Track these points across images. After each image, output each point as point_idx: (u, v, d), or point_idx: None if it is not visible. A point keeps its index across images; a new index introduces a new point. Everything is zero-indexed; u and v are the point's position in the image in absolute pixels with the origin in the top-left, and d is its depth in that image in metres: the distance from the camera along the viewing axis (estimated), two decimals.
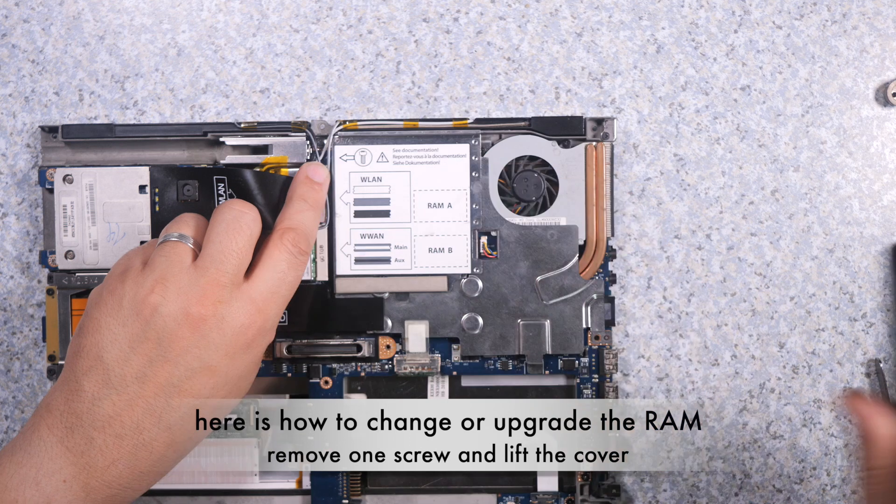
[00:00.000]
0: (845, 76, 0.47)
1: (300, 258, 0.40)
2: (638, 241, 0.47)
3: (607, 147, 0.46)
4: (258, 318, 0.38)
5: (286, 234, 0.40)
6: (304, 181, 0.42)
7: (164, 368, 0.37)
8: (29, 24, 0.48)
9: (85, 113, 0.48)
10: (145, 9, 0.48)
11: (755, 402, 0.47)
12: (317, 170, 0.43)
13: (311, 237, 0.41)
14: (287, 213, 0.41)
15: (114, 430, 0.37)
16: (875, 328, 0.47)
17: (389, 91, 0.48)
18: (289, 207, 0.42)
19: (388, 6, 0.48)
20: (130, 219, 0.45)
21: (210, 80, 0.48)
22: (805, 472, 0.47)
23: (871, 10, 0.47)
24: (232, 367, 0.38)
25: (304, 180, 0.42)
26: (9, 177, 0.48)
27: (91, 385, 0.37)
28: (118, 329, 0.37)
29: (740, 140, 0.47)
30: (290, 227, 0.40)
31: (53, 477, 0.36)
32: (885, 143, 0.47)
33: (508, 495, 0.47)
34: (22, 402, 0.48)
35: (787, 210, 0.47)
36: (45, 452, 0.37)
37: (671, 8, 0.47)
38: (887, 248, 0.47)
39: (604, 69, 0.47)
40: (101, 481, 0.37)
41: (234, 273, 0.38)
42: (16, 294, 0.48)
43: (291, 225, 0.40)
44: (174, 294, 0.37)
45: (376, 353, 0.46)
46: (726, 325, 0.47)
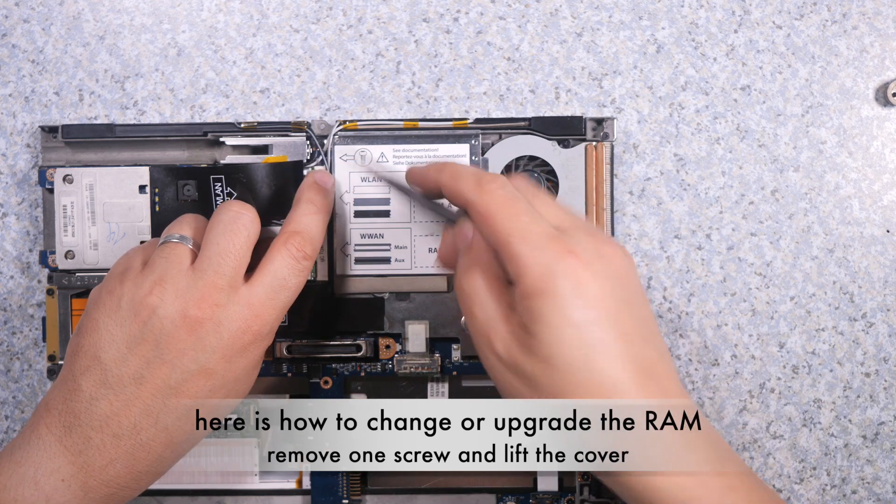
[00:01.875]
0: (845, 76, 0.47)
1: (303, 263, 0.40)
2: (638, 241, 0.47)
3: (607, 147, 0.46)
4: (255, 322, 0.38)
5: (291, 238, 0.40)
6: (312, 185, 0.42)
7: (161, 370, 0.37)
8: (29, 24, 0.48)
9: (85, 113, 0.48)
10: (145, 9, 0.48)
11: (755, 402, 0.47)
12: (324, 176, 0.42)
13: (316, 242, 0.41)
14: (293, 216, 0.41)
15: (111, 429, 0.37)
16: (875, 328, 0.47)
17: (389, 91, 0.48)
18: (295, 210, 0.41)
19: (388, 6, 0.48)
20: (130, 219, 0.45)
21: (210, 80, 0.48)
22: (805, 472, 0.47)
23: (871, 10, 0.47)
24: (229, 370, 0.38)
25: (312, 184, 0.42)
26: (9, 177, 0.48)
27: (89, 385, 0.37)
28: (116, 329, 0.37)
29: (740, 140, 0.47)
30: (295, 231, 0.40)
31: (52, 476, 0.36)
32: (885, 143, 0.47)
33: (508, 495, 0.47)
34: (22, 402, 0.48)
35: (787, 210, 0.47)
36: (44, 451, 0.37)
37: (671, 8, 0.47)
38: (888, 249, 0.47)
39: (604, 69, 0.47)
40: (99, 480, 0.37)
41: (231, 275, 0.38)
42: (16, 294, 0.48)
43: (297, 229, 0.40)
44: (172, 296, 0.37)
45: (376, 353, 0.46)
46: (726, 325, 0.47)
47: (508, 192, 0.36)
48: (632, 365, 0.34)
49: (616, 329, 0.34)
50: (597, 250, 0.35)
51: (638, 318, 0.35)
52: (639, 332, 0.35)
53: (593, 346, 0.34)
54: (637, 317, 0.35)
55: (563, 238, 0.35)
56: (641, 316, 0.36)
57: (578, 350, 0.34)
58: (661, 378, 0.35)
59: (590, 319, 0.34)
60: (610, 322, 0.34)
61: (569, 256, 0.34)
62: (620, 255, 0.36)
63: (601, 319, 0.34)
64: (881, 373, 0.47)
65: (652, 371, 0.35)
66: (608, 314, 0.34)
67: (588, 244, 0.35)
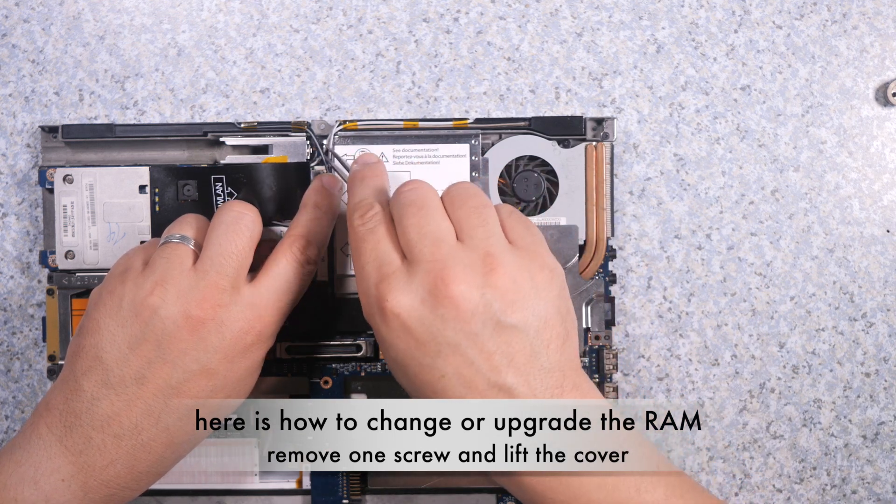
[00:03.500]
0: (845, 76, 0.47)
1: (307, 267, 0.40)
2: (638, 241, 0.47)
3: (607, 147, 0.46)
4: (257, 324, 0.38)
5: (295, 241, 0.40)
6: (320, 189, 0.42)
7: (163, 370, 0.37)
8: (29, 24, 0.48)
9: (85, 113, 0.48)
10: (145, 9, 0.48)
11: (755, 402, 0.47)
12: (332, 180, 0.43)
13: (321, 246, 0.41)
14: (299, 219, 0.41)
15: (112, 430, 0.37)
16: (875, 328, 0.47)
17: (389, 91, 0.48)
18: (301, 214, 0.41)
19: (388, 6, 0.48)
20: (130, 219, 0.45)
21: (210, 80, 0.48)
22: (805, 472, 0.47)
23: (871, 10, 0.47)
24: (230, 371, 0.38)
25: (320, 188, 0.42)
26: (9, 177, 0.48)
27: (90, 385, 0.37)
28: (117, 330, 0.37)
29: (740, 140, 0.47)
30: (300, 235, 0.40)
31: (52, 476, 0.36)
32: (885, 143, 0.47)
33: (508, 495, 0.47)
34: (22, 402, 0.48)
35: (787, 210, 0.47)
36: (44, 451, 0.37)
37: (671, 8, 0.47)
38: (888, 249, 0.47)
39: (604, 69, 0.47)
40: (99, 481, 0.37)
41: (233, 276, 0.38)
42: (16, 294, 0.48)
43: (302, 232, 0.40)
44: (174, 296, 0.37)
45: (376, 353, 0.46)
46: (726, 325, 0.47)
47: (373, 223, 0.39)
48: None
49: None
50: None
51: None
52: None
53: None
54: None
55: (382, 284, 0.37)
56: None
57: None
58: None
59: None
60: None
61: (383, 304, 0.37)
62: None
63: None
64: (881, 373, 0.47)
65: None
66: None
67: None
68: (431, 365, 0.36)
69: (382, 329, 0.36)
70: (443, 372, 0.36)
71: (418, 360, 0.36)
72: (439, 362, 0.36)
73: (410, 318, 0.36)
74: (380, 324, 0.36)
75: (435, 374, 0.36)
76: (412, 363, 0.36)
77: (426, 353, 0.36)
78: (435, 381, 0.36)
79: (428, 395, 0.37)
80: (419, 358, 0.36)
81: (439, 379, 0.36)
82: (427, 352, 0.36)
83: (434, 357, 0.36)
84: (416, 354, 0.36)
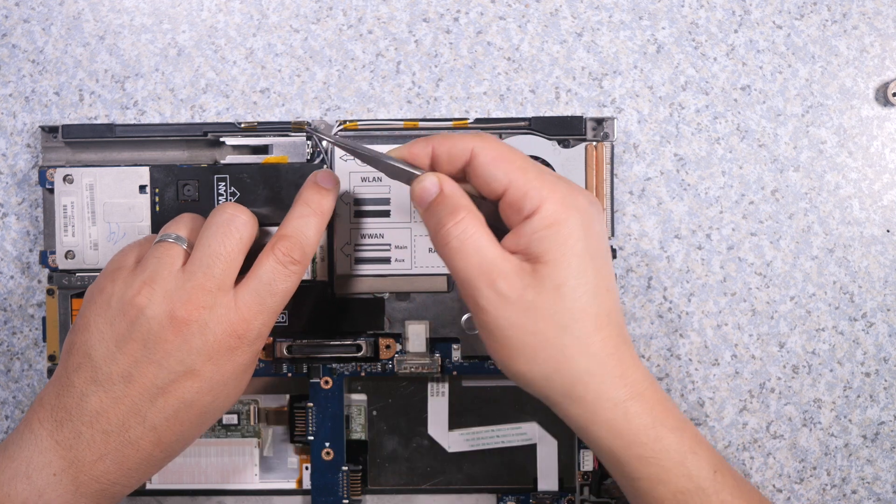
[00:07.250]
0: (845, 76, 0.47)
1: (291, 268, 0.39)
2: (638, 241, 0.47)
3: (607, 147, 0.46)
4: (241, 326, 0.38)
5: (279, 242, 0.39)
6: (312, 186, 0.41)
7: (149, 369, 0.37)
8: (29, 24, 0.48)
9: (85, 113, 0.48)
10: (145, 9, 0.48)
11: (755, 402, 0.47)
12: (326, 176, 0.41)
13: (307, 246, 0.40)
14: (286, 218, 0.40)
15: (101, 425, 0.37)
16: (875, 328, 0.47)
17: (389, 91, 0.48)
18: (290, 212, 0.40)
19: (388, 6, 0.48)
20: (130, 219, 0.45)
21: (210, 80, 0.48)
22: (805, 472, 0.47)
23: (871, 10, 0.47)
24: (216, 373, 0.38)
25: (312, 185, 0.41)
26: (9, 177, 0.48)
27: (80, 381, 0.37)
28: (106, 328, 0.38)
29: (740, 140, 0.47)
30: (284, 235, 0.39)
31: (43, 470, 0.37)
32: (885, 143, 0.47)
33: (508, 495, 0.47)
34: (22, 402, 0.48)
35: (787, 210, 0.47)
36: (35, 446, 0.37)
37: (671, 8, 0.47)
38: (888, 249, 0.47)
39: (604, 69, 0.47)
40: (89, 476, 0.37)
41: (220, 278, 0.38)
42: (16, 294, 0.48)
43: (287, 232, 0.39)
44: (160, 297, 0.37)
45: (376, 353, 0.46)
46: (726, 325, 0.47)
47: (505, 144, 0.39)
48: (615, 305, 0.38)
49: (610, 269, 0.38)
50: (585, 196, 0.38)
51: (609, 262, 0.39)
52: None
53: (603, 278, 0.37)
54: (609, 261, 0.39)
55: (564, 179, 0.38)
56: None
57: (593, 281, 0.37)
58: (621, 327, 0.38)
59: (600, 253, 0.37)
60: (609, 262, 0.38)
61: (578, 193, 0.37)
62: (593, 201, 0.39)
63: (607, 255, 0.38)
64: (881, 373, 0.47)
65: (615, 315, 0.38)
66: (608, 253, 0.38)
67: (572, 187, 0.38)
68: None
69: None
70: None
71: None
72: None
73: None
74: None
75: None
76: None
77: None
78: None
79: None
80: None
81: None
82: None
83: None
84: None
